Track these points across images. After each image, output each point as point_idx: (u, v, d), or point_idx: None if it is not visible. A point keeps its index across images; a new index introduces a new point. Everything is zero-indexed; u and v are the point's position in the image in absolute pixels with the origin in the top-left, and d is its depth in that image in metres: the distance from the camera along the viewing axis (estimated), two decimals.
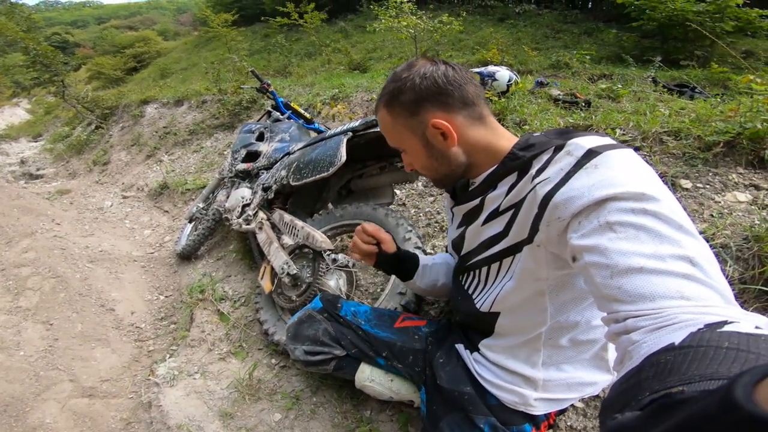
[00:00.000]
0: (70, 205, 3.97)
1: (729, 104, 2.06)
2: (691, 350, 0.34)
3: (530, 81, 3.35)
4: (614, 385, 0.39)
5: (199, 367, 1.59)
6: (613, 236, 0.50)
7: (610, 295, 0.49)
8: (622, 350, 0.46)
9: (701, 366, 0.32)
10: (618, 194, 0.52)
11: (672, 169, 1.64)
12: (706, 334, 0.36)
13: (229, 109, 4.68)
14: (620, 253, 0.49)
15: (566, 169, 0.59)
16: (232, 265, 2.27)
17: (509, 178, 0.72)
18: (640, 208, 0.51)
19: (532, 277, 0.71)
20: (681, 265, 0.46)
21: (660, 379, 0.33)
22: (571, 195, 0.56)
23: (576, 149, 0.60)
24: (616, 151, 0.58)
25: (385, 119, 0.80)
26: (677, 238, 0.48)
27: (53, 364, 1.69)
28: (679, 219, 0.50)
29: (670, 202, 0.52)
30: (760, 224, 1.23)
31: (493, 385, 0.86)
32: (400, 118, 0.77)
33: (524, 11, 10.21)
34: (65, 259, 2.40)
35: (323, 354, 1.11)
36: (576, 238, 0.55)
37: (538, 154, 0.66)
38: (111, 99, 7.12)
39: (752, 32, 5.60)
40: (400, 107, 0.76)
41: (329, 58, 7.81)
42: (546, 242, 0.63)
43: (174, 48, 18.81)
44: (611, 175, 0.55)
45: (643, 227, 0.49)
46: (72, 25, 49.76)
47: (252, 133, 2.27)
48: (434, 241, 1.78)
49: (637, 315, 0.45)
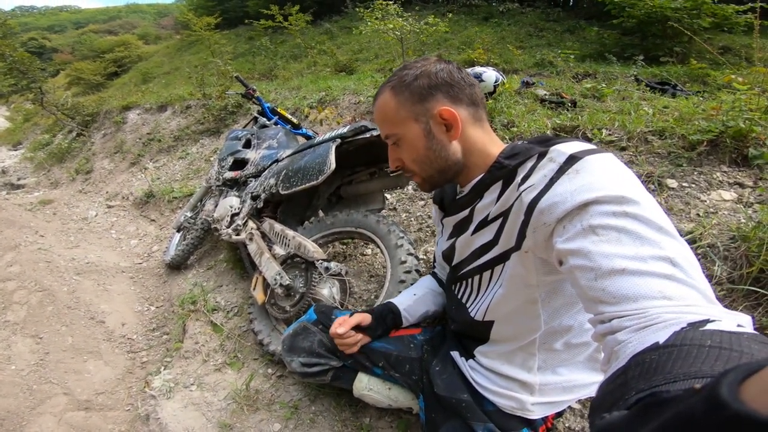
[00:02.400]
0: (54, 216, 3.88)
1: (711, 102, 2.11)
2: (675, 349, 0.35)
3: (516, 81, 3.38)
4: (602, 385, 0.39)
5: (195, 378, 1.58)
6: (596, 239, 0.52)
7: (595, 297, 0.50)
8: (608, 350, 0.46)
9: (685, 364, 0.32)
10: (599, 198, 0.54)
11: (658, 168, 1.66)
12: (690, 333, 0.37)
13: (215, 114, 4.61)
14: (603, 256, 0.50)
15: (549, 176, 0.61)
16: (223, 274, 2.24)
17: (495, 187, 0.73)
18: (620, 211, 0.52)
19: (522, 284, 0.72)
20: (662, 266, 0.47)
21: (646, 378, 0.34)
22: (554, 200, 0.58)
23: (558, 155, 0.62)
24: (596, 156, 0.60)
25: (388, 103, 0.77)
26: (657, 239, 0.50)
27: (46, 377, 1.68)
28: (659, 221, 0.51)
29: (649, 204, 0.53)
30: (746, 223, 1.26)
31: (490, 391, 0.86)
32: (406, 104, 0.76)
33: (508, 10, 10.30)
34: (51, 272, 2.37)
35: (320, 365, 1.11)
36: (561, 242, 0.56)
37: (523, 162, 0.68)
38: (92, 105, 6.99)
39: (729, 28, 5.74)
40: (410, 92, 0.75)
41: (315, 60, 7.76)
42: (534, 248, 0.64)
43: (156, 52, 18.48)
44: (592, 179, 0.56)
45: (624, 230, 0.51)
46: (49, 30, 48.45)
47: (239, 140, 2.24)
48: (426, 246, 1.79)
49: (621, 315, 0.46)
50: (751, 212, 1.35)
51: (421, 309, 1.10)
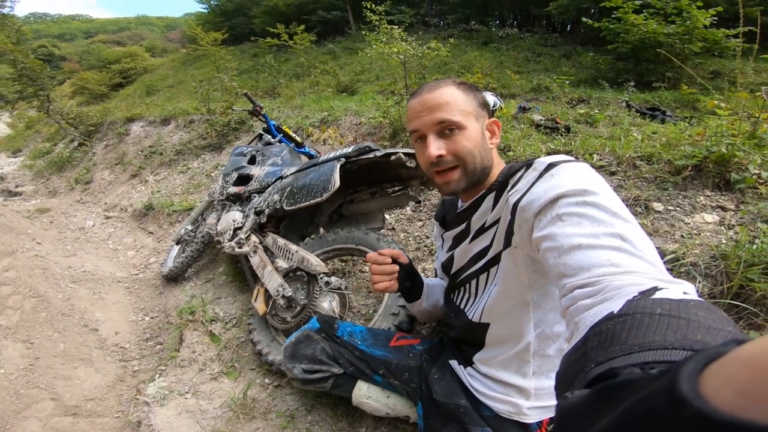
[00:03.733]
0: (51, 224, 3.89)
1: (696, 128, 2.19)
2: (628, 318, 0.37)
3: (513, 106, 3.50)
4: (564, 357, 0.41)
5: (191, 386, 1.58)
6: (561, 224, 0.60)
7: (560, 272, 0.56)
8: (572, 323, 0.50)
9: (639, 334, 0.34)
10: (566, 192, 0.63)
11: (645, 192, 1.73)
12: (641, 302, 0.40)
13: (218, 130, 4.66)
14: (565, 236, 0.58)
15: (531, 181, 0.71)
16: (222, 287, 2.26)
17: (489, 198, 0.85)
18: (582, 201, 0.61)
19: (516, 281, 0.79)
20: (613, 241, 0.55)
21: (603, 348, 0.35)
22: (532, 198, 0.68)
23: (539, 165, 0.72)
24: (570, 163, 0.70)
25: (457, 95, 0.84)
26: (611, 221, 0.57)
27: (34, 382, 1.67)
28: (615, 208, 0.59)
29: (608, 195, 0.62)
30: (726, 243, 1.32)
31: (487, 396, 0.91)
32: (473, 102, 0.86)
33: (507, 35, 10.65)
34: (47, 279, 2.37)
35: (321, 372, 1.14)
36: (536, 231, 0.65)
37: (513, 174, 0.79)
38: (96, 115, 7.03)
39: (719, 52, 5.91)
40: (474, 96, 0.87)
41: (318, 79, 7.93)
42: (521, 243, 0.73)
43: (161, 65, 18.78)
44: (562, 180, 0.66)
45: (584, 215, 0.59)
46: (59, 38, 48.94)
47: (244, 156, 2.30)
48: (424, 264, 1.83)
49: (579, 285, 0.52)
50: (732, 233, 1.41)
51: (436, 296, 1.15)
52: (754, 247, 1.20)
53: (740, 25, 2.04)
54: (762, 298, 1.12)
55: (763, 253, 1.17)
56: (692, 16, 5.40)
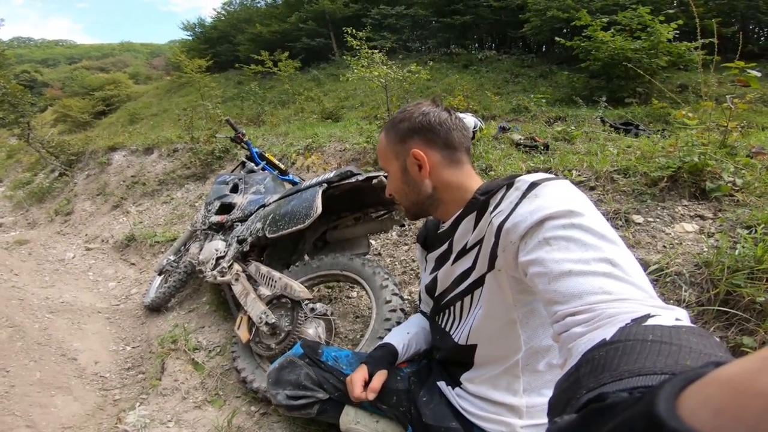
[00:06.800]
0: (29, 256, 3.80)
1: (669, 140, 2.26)
2: (620, 345, 0.37)
3: (494, 127, 3.58)
4: (557, 384, 0.41)
5: (173, 415, 1.52)
6: (549, 249, 0.59)
7: (550, 299, 0.55)
8: (564, 349, 0.50)
9: (630, 360, 0.34)
10: (552, 214, 0.62)
11: (624, 205, 1.76)
12: (633, 329, 0.40)
13: (202, 159, 4.61)
14: (554, 261, 0.57)
15: (515, 201, 0.70)
16: (205, 316, 2.21)
17: (469, 218, 0.82)
18: (569, 223, 0.60)
19: (501, 302, 0.78)
20: (602, 266, 0.54)
21: (595, 375, 0.35)
22: (516, 221, 0.66)
23: (522, 184, 0.71)
24: (552, 182, 0.69)
25: (381, 142, 0.92)
26: (599, 245, 0.57)
27: (9, 409, 1.60)
28: (602, 230, 0.59)
29: (594, 216, 0.61)
30: (708, 251, 1.34)
31: (478, 417, 0.88)
32: (391, 143, 0.89)
33: (486, 57, 11.03)
34: (23, 309, 2.31)
35: (306, 398, 1.10)
36: (522, 255, 0.64)
37: (494, 193, 0.77)
38: (78, 144, 6.89)
39: (684, 65, 6.20)
40: (395, 133, 0.88)
41: (302, 106, 8.01)
42: (505, 266, 0.72)
43: (145, 92, 18.77)
44: (547, 201, 0.65)
45: (572, 238, 0.58)
46: (42, 63, 48.14)
47: (226, 185, 2.28)
48: (410, 287, 1.82)
49: (571, 312, 0.51)
50: (713, 241, 1.43)
51: (415, 348, 1.13)
52: (736, 252, 1.22)
53: (698, 38, 2.15)
54: (750, 303, 1.13)
55: (746, 258, 1.19)
56: (656, 30, 5.68)
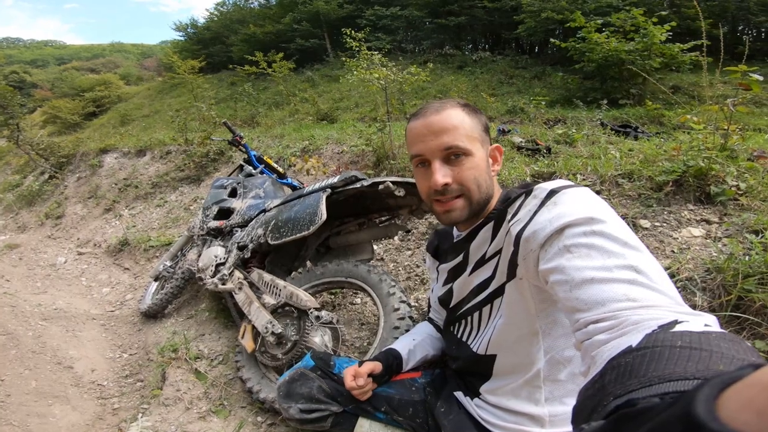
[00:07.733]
0: (20, 261, 3.75)
1: (671, 143, 2.26)
2: (647, 351, 0.36)
3: (492, 129, 3.57)
4: (581, 391, 0.40)
5: (177, 426, 1.49)
6: (570, 256, 0.58)
7: (572, 306, 0.54)
8: (587, 357, 0.49)
9: (659, 367, 0.33)
10: (572, 221, 0.60)
11: (631, 210, 1.75)
12: (660, 335, 0.38)
13: (196, 161, 4.53)
14: (575, 269, 0.56)
15: (533, 210, 0.68)
16: (205, 323, 2.16)
17: (487, 228, 0.81)
18: (590, 231, 0.58)
19: (523, 311, 0.75)
20: (626, 273, 0.52)
21: (621, 382, 0.34)
22: (536, 229, 0.65)
23: (540, 192, 0.69)
24: (572, 189, 0.67)
25: (464, 118, 0.79)
26: (622, 252, 0.55)
27: (6, 419, 1.57)
28: (624, 237, 0.57)
29: (616, 223, 0.59)
30: (718, 256, 1.33)
31: (500, 427, 0.85)
32: (479, 127, 0.82)
33: (480, 58, 11.06)
34: (16, 317, 2.26)
35: (320, 411, 1.07)
36: (543, 263, 0.62)
37: (511, 202, 0.75)
38: (68, 146, 6.80)
39: (677, 67, 6.27)
40: (479, 120, 0.83)
41: (297, 107, 7.95)
42: (526, 275, 0.70)
43: (136, 93, 18.53)
44: (566, 208, 0.63)
45: (593, 246, 0.57)
46: (31, 64, 47.46)
47: (224, 189, 2.22)
48: (416, 293, 1.78)
49: (594, 320, 0.50)
50: (721, 246, 1.42)
51: (421, 354, 1.11)
52: (747, 258, 1.22)
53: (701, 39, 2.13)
54: (762, 307, 1.12)
55: (757, 263, 1.18)
56: (649, 32, 5.73)
